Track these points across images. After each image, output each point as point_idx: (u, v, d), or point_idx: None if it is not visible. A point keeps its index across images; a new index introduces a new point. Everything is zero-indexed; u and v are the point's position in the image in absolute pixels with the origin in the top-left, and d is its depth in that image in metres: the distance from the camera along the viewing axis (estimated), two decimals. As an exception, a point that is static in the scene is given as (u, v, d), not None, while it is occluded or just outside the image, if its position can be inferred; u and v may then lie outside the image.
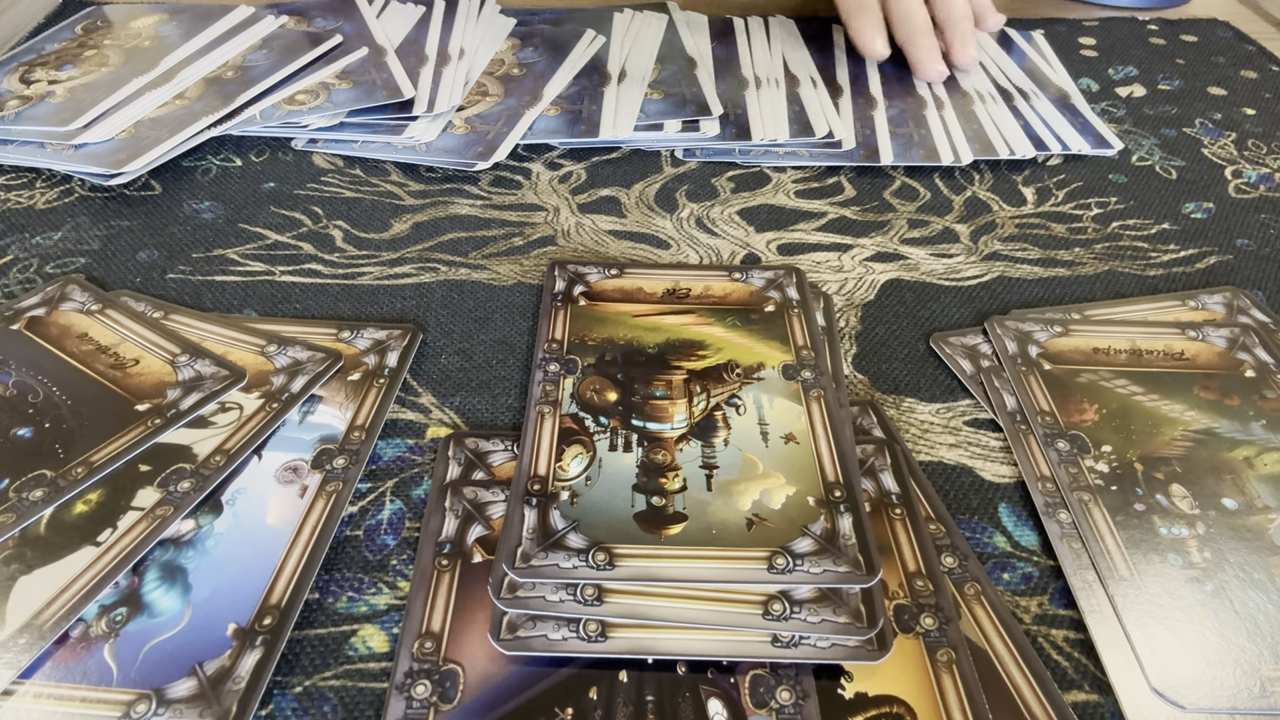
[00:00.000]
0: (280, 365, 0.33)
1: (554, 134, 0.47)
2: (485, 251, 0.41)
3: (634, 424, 0.31)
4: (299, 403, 0.32)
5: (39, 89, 0.47)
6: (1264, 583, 0.27)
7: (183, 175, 0.45)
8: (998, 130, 0.49)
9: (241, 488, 0.29)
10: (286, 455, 0.30)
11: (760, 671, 0.25)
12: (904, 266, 0.41)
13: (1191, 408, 0.33)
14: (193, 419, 0.31)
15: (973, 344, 0.36)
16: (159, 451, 0.30)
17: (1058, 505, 0.30)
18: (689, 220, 0.43)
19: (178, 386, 0.32)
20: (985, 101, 0.51)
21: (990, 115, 0.50)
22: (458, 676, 0.24)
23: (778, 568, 0.26)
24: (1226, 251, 0.42)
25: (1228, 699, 0.24)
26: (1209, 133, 0.51)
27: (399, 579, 0.28)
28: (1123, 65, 0.58)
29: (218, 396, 0.32)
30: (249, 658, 0.25)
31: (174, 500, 0.28)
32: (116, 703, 0.24)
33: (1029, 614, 0.27)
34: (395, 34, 0.53)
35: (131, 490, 0.29)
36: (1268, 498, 0.30)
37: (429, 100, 0.48)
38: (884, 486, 0.30)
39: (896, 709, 0.24)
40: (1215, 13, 0.65)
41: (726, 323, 0.36)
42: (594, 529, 0.27)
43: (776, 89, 0.51)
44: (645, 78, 0.51)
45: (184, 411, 0.31)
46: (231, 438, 0.31)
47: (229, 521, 0.28)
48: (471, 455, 0.31)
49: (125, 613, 0.26)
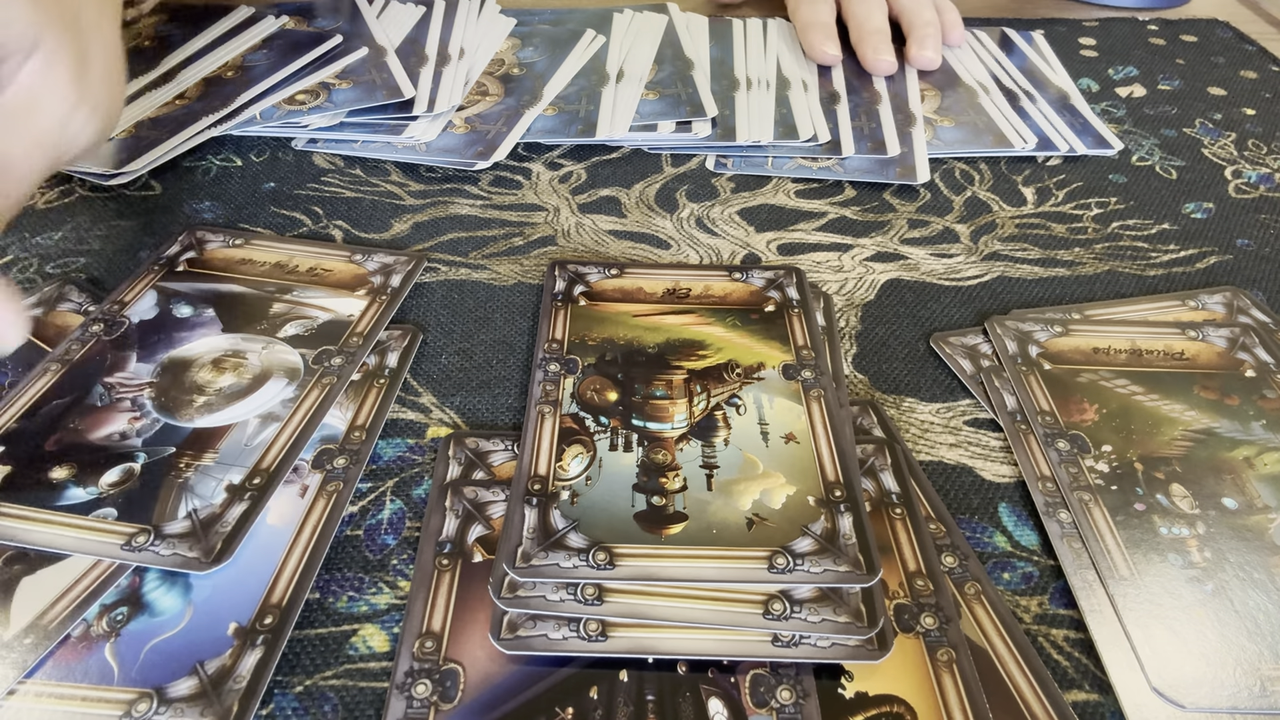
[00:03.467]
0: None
1: (552, 134, 0.47)
2: (485, 251, 0.41)
3: (634, 424, 0.31)
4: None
5: (39, 89, 0.47)
6: (1264, 582, 0.27)
7: (183, 175, 0.45)
8: (1007, 125, 0.49)
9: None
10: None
11: (760, 671, 0.25)
12: (904, 266, 0.41)
13: (1192, 408, 0.33)
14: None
15: (973, 344, 0.36)
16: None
17: (1058, 505, 0.30)
18: (689, 220, 0.43)
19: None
20: (982, 96, 0.51)
21: (980, 116, 0.50)
22: (458, 676, 0.24)
23: (778, 567, 0.26)
24: (1226, 251, 0.42)
25: (1228, 698, 0.25)
26: (1209, 133, 0.51)
27: (399, 579, 0.28)
28: (1123, 65, 0.58)
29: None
30: (250, 657, 0.25)
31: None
32: (117, 702, 0.24)
33: (1029, 614, 0.27)
34: (395, 34, 0.53)
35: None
36: (1268, 497, 0.30)
37: (429, 100, 0.48)
38: (884, 486, 0.30)
39: (897, 708, 0.24)
40: (1215, 13, 0.65)
41: (727, 323, 0.36)
42: (594, 529, 0.27)
43: (766, 91, 0.51)
44: (643, 78, 0.51)
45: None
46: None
47: (230, 521, 0.28)
48: (472, 455, 0.31)
49: (126, 612, 0.26)
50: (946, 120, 0.50)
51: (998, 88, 0.53)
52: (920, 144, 0.48)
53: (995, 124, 0.49)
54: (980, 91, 0.52)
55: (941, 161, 0.47)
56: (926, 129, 0.49)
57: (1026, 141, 0.48)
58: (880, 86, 0.52)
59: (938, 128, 0.49)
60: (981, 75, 0.54)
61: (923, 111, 0.50)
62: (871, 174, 0.46)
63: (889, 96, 0.51)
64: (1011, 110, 0.51)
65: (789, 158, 0.47)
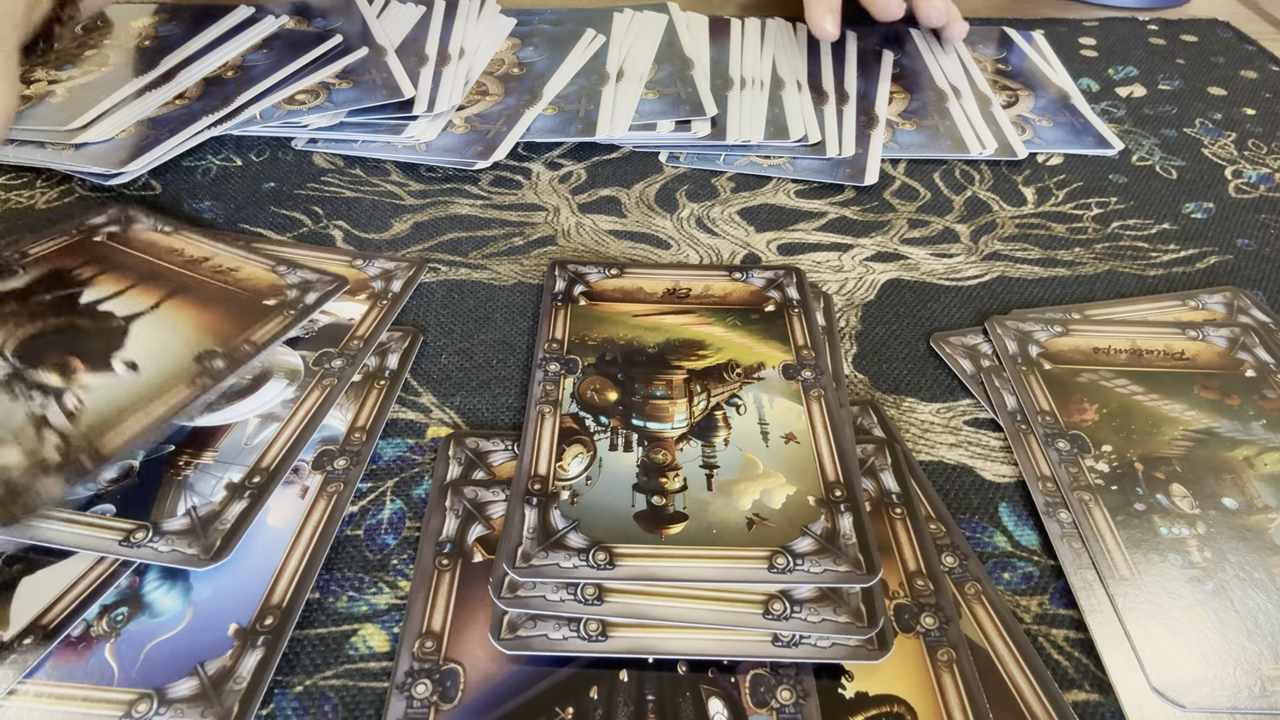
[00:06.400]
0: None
1: (552, 133, 0.47)
2: (485, 251, 0.41)
3: (634, 424, 0.31)
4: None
5: (39, 89, 0.47)
6: (1264, 582, 0.27)
7: (183, 175, 0.45)
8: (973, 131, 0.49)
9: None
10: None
11: (761, 671, 0.25)
12: (904, 266, 0.41)
13: (1192, 407, 0.33)
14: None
15: (973, 344, 0.36)
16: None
17: (1058, 505, 0.30)
18: (689, 220, 0.43)
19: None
20: (954, 102, 0.51)
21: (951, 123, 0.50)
22: (458, 676, 0.24)
23: (778, 567, 0.26)
24: (1226, 251, 0.42)
25: (1228, 698, 0.25)
26: (1209, 133, 0.51)
27: (399, 579, 0.28)
28: (1123, 65, 0.58)
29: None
30: (250, 657, 0.25)
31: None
32: (118, 702, 0.24)
33: (1029, 613, 0.27)
34: (395, 34, 0.53)
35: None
36: (1268, 497, 0.30)
37: (429, 100, 0.48)
38: (884, 486, 0.30)
39: (897, 708, 0.24)
40: (1215, 13, 0.65)
41: (727, 322, 0.36)
42: (594, 528, 0.27)
43: (760, 90, 0.51)
44: (643, 77, 0.51)
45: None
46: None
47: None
48: (472, 455, 0.31)
49: (126, 612, 0.26)
50: (908, 124, 0.50)
51: (971, 91, 0.53)
52: (876, 146, 0.48)
53: (956, 128, 0.49)
54: (951, 95, 0.52)
55: (895, 163, 0.47)
56: (886, 131, 0.49)
57: (985, 147, 0.48)
58: (850, 87, 0.52)
59: (898, 130, 0.49)
60: (958, 79, 0.54)
61: (887, 114, 0.50)
62: (821, 174, 0.46)
63: (856, 98, 0.51)
64: (979, 115, 0.50)
65: (740, 155, 0.47)
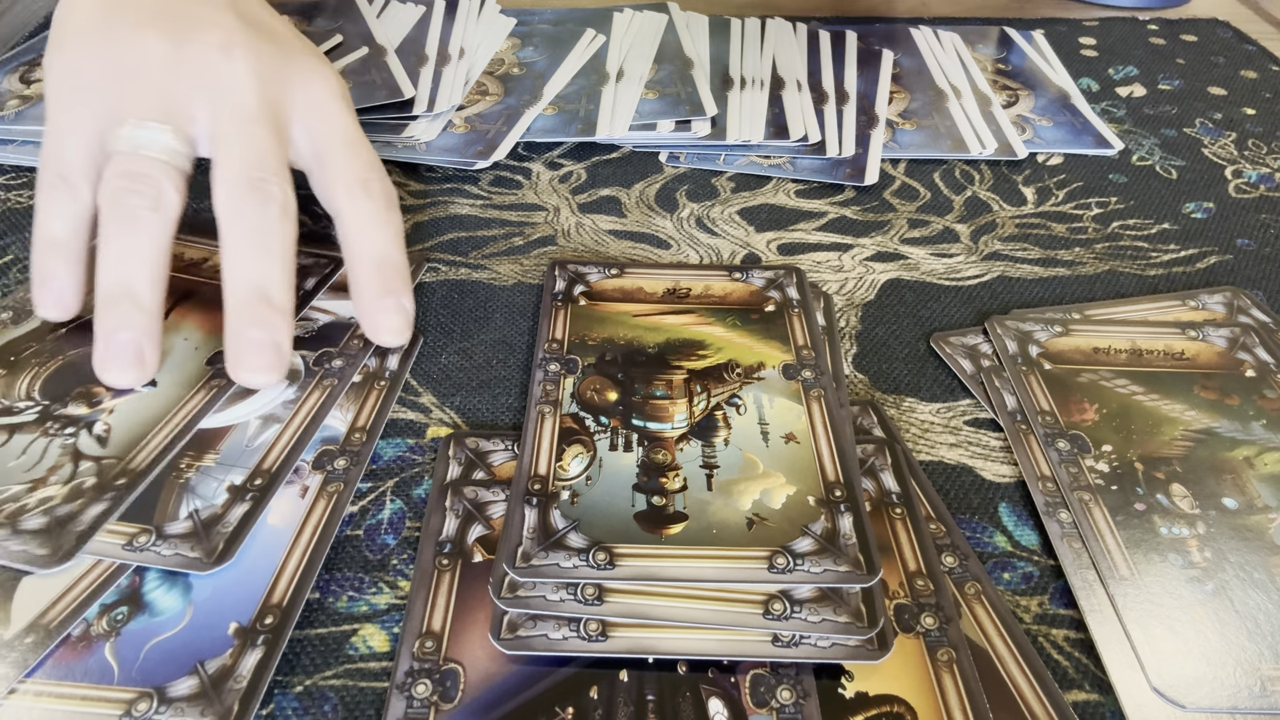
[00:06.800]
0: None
1: (552, 133, 0.47)
2: (485, 251, 0.41)
3: (634, 424, 0.31)
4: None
5: (39, 89, 0.47)
6: (1264, 582, 0.27)
7: (183, 175, 0.45)
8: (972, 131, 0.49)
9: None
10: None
11: (761, 671, 0.25)
12: (904, 266, 0.41)
13: (1192, 407, 0.33)
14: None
15: (973, 344, 0.36)
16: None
17: (1058, 505, 0.30)
18: (689, 220, 0.43)
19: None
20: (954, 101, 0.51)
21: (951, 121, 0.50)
22: (458, 676, 0.24)
23: (778, 567, 0.26)
24: (1227, 251, 0.42)
25: (1228, 698, 0.25)
26: (1209, 133, 0.51)
27: (399, 579, 0.28)
28: (1123, 65, 0.58)
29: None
30: (250, 657, 0.25)
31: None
32: (117, 701, 0.24)
33: (1029, 613, 0.27)
34: (395, 34, 0.53)
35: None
36: (1268, 497, 0.30)
37: (429, 100, 0.48)
38: (884, 486, 0.30)
39: (897, 708, 0.24)
40: (1215, 13, 0.65)
41: (727, 322, 0.36)
42: (594, 528, 0.27)
43: (759, 90, 0.51)
44: (643, 77, 0.51)
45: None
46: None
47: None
48: (472, 455, 0.31)
49: (126, 611, 0.26)
50: (908, 124, 0.50)
51: (971, 91, 0.53)
52: (876, 146, 0.48)
53: (956, 128, 0.49)
54: (951, 95, 0.52)
55: (895, 163, 0.47)
56: (886, 131, 0.49)
57: (985, 147, 0.48)
58: (850, 87, 0.52)
59: (898, 130, 0.49)
60: (958, 79, 0.54)
61: (887, 114, 0.50)
62: (821, 174, 0.46)
63: (856, 98, 0.51)
64: (979, 115, 0.50)
65: (740, 155, 0.47)
